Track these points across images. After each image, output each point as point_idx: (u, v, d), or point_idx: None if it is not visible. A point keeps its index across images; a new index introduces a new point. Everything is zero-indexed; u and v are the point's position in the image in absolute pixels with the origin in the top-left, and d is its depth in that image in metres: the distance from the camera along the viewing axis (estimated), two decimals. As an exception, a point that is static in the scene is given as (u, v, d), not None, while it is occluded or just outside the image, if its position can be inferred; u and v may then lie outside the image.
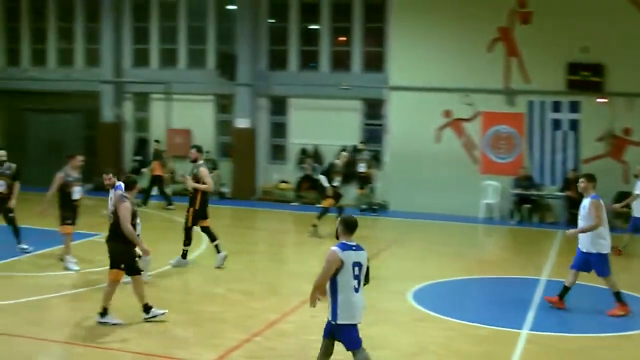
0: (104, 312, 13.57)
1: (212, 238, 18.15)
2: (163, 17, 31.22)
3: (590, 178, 15.03)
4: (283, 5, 29.57)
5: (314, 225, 22.16)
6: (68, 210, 17.33)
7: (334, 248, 10.21)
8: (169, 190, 28.36)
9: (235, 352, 12.37)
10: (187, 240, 18.08)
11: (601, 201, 14.81)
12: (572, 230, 15.08)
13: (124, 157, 31.24)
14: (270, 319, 14.08)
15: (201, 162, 18.15)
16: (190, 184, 17.87)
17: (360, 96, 28.47)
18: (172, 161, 29.65)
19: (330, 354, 10.47)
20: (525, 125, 26.70)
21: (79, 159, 17.66)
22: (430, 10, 27.25)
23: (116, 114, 31.04)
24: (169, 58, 31.23)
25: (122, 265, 13.57)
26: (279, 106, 29.83)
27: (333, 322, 10.29)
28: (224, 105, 30.57)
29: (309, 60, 29.59)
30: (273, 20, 29.93)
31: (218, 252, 18.06)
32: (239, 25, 29.56)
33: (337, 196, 22.47)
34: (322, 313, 14.43)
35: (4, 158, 18.49)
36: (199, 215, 17.96)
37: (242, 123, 29.48)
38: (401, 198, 27.46)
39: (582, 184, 15.09)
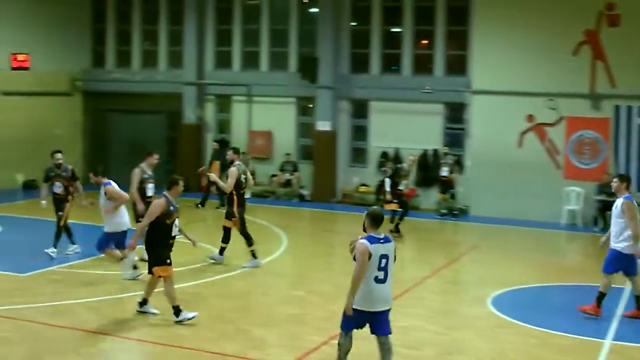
0: (176, 312, 13.74)
1: (227, 240, 18.28)
2: (245, 19, 31.36)
3: (623, 178, 15.11)
4: (365, 8, 29.47)
5: (391, 231, 22.27)
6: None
7: (362, 240, 10.66)
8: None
9: (313, 354, 12.37)
10: (249, 241, 18.27)
11: (634, 202, 14.69)
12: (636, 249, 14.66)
13: (205, 159, 31.45)
14: (348, 321, 13.99)
15: (237, 163, 18.25)
16: (213, 177, 18.63)
17: (442, 100, 28.20)
18: (252, 163, 29.80)
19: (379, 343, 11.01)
20: (610, 130, 26.19)
21: (156, 157, 18.14)
22: (514, 13, 26.87)
23: (197, 116, 31.27)
24: (250, 60, 31.35)
25: (168, 260, 13.70)
26: (360, 109, 29.72)
27: None
28: (305, 107, 30.59)
29: (390, 64, 29.44)
30: (355, 23, 29.86)
31: (220, 253, 18.26)
32: (321, 28, 29.57)
33: (401, 199, 22.90)
34: (397, 317, 14.37)
35: (61, 161, 18.69)
36: (242, 214, 18.22)
37: (323, 126, 29.45)
38: (482, 203, 27.17)
39: (614, 184, 15.07)
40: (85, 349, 12.36)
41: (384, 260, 10.69)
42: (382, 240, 10.73)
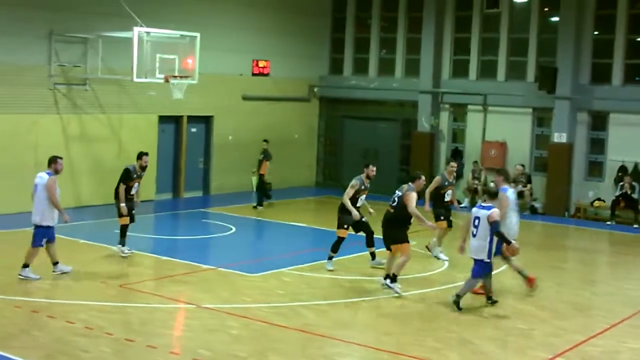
0: (393, 278, 16.11)
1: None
2: (484, 28, 31.02)
3: (500, 172, 17.45)
4: (609, 16, 28.46)
5: None
6: (440, 208, 19.80)
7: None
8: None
9: (537, 370, 12.09)
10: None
11: (507, 194, 16.43)
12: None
13: (437, 167, 31.35)
14: (576, 340, 13.59)
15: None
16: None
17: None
18: (484, 173, 29.45)
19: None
20: None
21: (453, 166, 20.31)
22: None
23: (431, 124, 31.19)
24: (487, 69, 30.98)
25: (407, 239, 16.32)
26: (598, 121, 28.77)
27: None
28: (542, 118, 29.93)
29: (634, 74, 28.34)
30: (597, 32, 28.94)
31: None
32: (562, 37, 28.79)
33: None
34: (631, 340, 13.84)
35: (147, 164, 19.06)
36: None
37: (559, 137, 28.73)
38: None
39: (493, 181, 17.61)
40: (310, 351, 12.53)
41: (476, 220, 15.03)
42: (481, 207, 15.20)
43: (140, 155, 19.00)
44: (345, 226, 18.14)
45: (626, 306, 16.17)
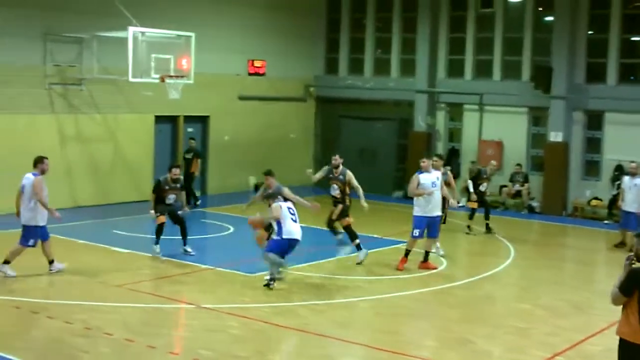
0: None
1: (353, 237, 18.79)
2: (479, 27, 31.04)
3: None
4: (604, 16, 28.50)
5: (468, 226, 23.80)
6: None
7: None
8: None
9: (536, 369, 12.10)
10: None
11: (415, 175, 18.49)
12: None
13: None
14: (575, 338, 13.58)
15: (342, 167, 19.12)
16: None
17: (684, 111, 26.94)
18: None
19: None
20: None
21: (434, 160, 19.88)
22: None
23: (427, 124, 31.19)
24: (483, 69, 31.00)
25: None
26: (594, 120, 28.80)
27: None
28: (537, 118, 29.95)
29: (629, 73, 28.39)
30: (591, 31, 28.96)
31: (359, 249, 18.77)
32: (556, 37, 28.83)
33: (481, 200, 24.10)
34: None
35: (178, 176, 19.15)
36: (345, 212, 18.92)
37: (555, 137, 28.75)
38: None
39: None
40: (310, 351, 12.52)
41: None
42: None
43: (170, 168, 19.17)
44: None
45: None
